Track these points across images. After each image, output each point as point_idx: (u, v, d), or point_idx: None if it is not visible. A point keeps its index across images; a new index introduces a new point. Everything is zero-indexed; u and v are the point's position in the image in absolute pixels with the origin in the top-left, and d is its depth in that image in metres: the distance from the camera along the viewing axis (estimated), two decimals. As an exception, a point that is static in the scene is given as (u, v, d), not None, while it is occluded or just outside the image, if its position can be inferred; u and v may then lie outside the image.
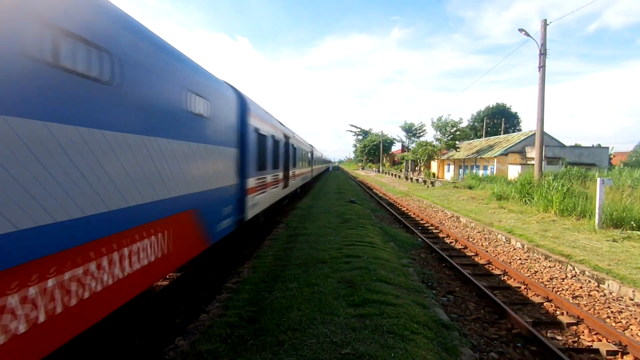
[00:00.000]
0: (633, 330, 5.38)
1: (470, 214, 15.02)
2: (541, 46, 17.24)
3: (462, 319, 5.67)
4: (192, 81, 4.71)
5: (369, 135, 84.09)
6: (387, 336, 3.84)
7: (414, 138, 56.31)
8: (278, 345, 3.64)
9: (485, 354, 4.64)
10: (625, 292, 6.53)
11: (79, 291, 2.64)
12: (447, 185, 27.99)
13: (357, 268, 6.13)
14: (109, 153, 2.93)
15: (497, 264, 8.43)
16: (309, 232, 9.33)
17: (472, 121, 67.78)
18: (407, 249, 9.79)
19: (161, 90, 3.87)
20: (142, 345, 4.40)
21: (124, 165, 3.13)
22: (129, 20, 3.41)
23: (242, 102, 7.28)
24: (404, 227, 13.25)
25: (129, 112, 3.26)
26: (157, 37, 4.02)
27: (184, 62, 4.58)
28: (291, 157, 14.41)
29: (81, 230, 2.62)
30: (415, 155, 43.49)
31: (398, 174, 48.56)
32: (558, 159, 27.77)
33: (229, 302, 4.93)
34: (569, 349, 4.81)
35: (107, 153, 2.91)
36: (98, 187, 2.80)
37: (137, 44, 3.46)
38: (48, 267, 2.36)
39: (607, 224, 10.99)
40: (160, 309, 5.40)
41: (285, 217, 12.60)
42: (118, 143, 3.05)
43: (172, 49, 4.37)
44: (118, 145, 3.05)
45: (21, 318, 2.16)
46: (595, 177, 15.33)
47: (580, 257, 8.27)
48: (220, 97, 5.90)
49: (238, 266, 7.00)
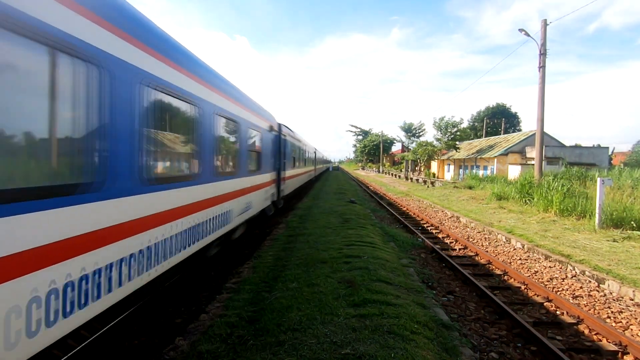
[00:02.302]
0: (633, 330, 5.38)
1: (470, 214, 15.02)
2: (541, 46, 17.24)
3: (462, 319, 5.67)
4: (271, 125, 10.52)
5: (369, 135, 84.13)
6: (387, 336, 3.84)
7: (413, 138, 56.35)
8: (278, 346, 3.64)
9: (485, 354, 4.64)
10: (626, 292, 6.53)
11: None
12: (447, 185, 27.99)
13: (357, 268, 6.13)
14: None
15: (497, 264, 8.43)
16: (309, 232, 9.32)
17: (472, 121, 67.82)
18: (407, 249, 9.79)
19: (271, 138, 10.32)
20: (142, 345, 4.40)
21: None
22: (286, 129, 10.97)
23: (279, 126, 12.25)
24: (404, 227, 13.25)
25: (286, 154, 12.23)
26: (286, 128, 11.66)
27: (278, 127, 11.22)
28: (289, 157, 15.27)
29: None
30: (415, 155, 43.51)
31: (398, 174, 48.56)
32: (558, 159, 27.77)
33: (229, 302, 4.93)
34: (569, 349, 4.81)
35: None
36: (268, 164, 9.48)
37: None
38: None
39: (607, 224, 10.98)
40: (160, 309, 5.39)
41: (285, 217, 12.60)
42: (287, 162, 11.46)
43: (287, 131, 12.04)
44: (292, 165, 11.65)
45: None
46: (595, 177, 15.33)
47: (580, 257, 8.27)
48: (270, 126, 10.43)
49: (238, 266, 7.00)
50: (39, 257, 2.27)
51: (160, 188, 3.80)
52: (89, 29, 2.70)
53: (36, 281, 2.24)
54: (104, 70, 2.88)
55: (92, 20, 2.73)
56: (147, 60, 3.55)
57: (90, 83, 2.75)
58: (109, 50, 2.94)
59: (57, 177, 2.58)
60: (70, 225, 2.53)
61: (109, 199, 2.97)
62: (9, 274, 2.07)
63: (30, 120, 2.36)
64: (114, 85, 3.02)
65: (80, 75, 2.66)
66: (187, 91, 4.44)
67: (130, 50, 3.27)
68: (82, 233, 2.65)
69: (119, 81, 3.08)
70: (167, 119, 4.25)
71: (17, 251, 2.12)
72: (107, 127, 2.95)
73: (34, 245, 2.23)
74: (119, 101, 3.11)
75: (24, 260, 2.16)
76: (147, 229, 3.52)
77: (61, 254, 2.45)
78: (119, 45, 3.09)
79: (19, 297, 2.13)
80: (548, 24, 17.30)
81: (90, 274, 2.73)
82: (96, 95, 2.82)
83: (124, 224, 3.16)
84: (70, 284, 2.52)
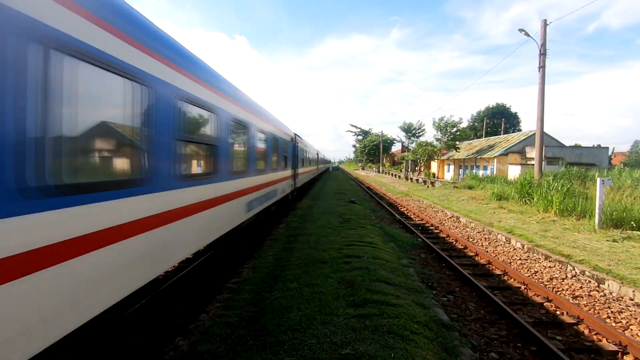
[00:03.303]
0: (633, 331, 5.38)
1: (470, 214, 15.02)
2: (541, 46, 17.24)
3: (462, 319, 5.67)
4: (290, 136, 14.30)
5: (369, 135, 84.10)
6: (387, 336, 3.84)
7: (413, 138, 56.34)
8: (278, 346, 3.64)
9: (485, 354, 4.64)
10: (625, 292, 6.53)
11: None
12: (447, 186, 27.98)
13: (357, 268, 6.13)
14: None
15: (497, 264, 8.43)
16: (309, 232, 9.33)
17: (472, 121, 67.83)
18: (407, 249, 9.79)
19: (290, 145, 14.25)
20: (142, 345, 4.40)
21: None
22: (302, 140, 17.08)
23: (294, 135, 15.68)
24: (404, 227, 13.25)
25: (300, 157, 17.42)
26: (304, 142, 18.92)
27: (295, 138, 15.54)
28: (300, 159, 18.39)
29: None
30: (415, 155, 43.50)
31: (398, 174, 48.56)
32: (558, 159, 27.77)
33: (229, 302, 4.93)
34: (569, 349, 4.82)
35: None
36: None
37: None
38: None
39: (607, 224, 10.98)
40: (160, 309, 5.39)
41: (285, 217, 12.60)
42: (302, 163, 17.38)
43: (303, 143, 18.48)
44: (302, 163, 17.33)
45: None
46: (595, 177, 15.34)
47: (580, 257, 8.27)
48: (286, 135, 13.20)
49: (238, 266, 7.00)
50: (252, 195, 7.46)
51: (261, 173, 8.24)
52: (177, 77, 3.91)
53: (248, 198, 6.98)
54: (299, 148, 13.73)
55: (181, 73, 4.03)
56: (232, 108, 6.00)
57: (301, 151, 14.46)
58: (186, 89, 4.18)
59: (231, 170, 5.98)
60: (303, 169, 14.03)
61: (269, 172, 9.39)
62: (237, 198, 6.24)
63: (292, 157, 13.73)
64: (298, 150, 14.35)
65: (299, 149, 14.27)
66: (260, 127, 8.17)
67: (216, 98, 5.26)
68: (256, 184, 7.80)
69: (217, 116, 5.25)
70: (255, 138, 7.77)
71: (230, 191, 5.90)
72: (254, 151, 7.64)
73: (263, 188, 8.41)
74: (226, 128, 5.69)
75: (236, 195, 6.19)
76: (264, 187, 8.66)
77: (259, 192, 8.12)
78: (311, 146, 17.37)
79: (248, 201, 7.00)
80: (548, 24, 17.31)
81: (255, 199, 7.64)
82: (293, 151, 14.25)
83: (261, 185, 8.28)
84: (253, 201, 7.44)
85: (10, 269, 1.93)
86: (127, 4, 3.16)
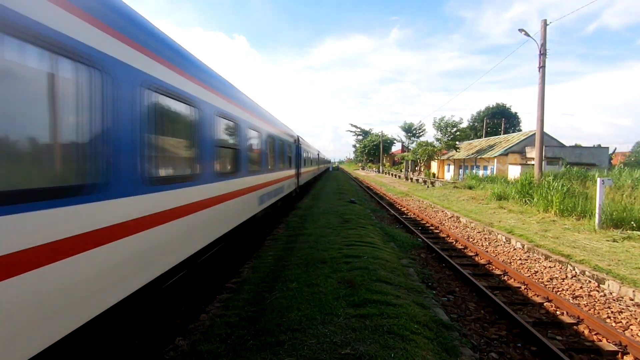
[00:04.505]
0: (633, 331, 5.38)
1: (470, 214, 15.02)
2: (541, 46, 17.24)
3: (462, 319, 5.67)
4: (294, 138, 15.79)
5: (369, 135, 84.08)
6: (387, 336, 3.84)
7: (413, 138, 56.33)
8: (278, 346, 3.64)
9: (485, 354, 4.64)
10: (626, 292, 6.53)
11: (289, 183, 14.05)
12: (447, 186, 27.98)
13: (357, 268, 6.13)
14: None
15: (497, 264, 8.43)
16: (310, 232, 9.33)
17: (472, 121, 67.81)
18: (407, 249, 9.79)
19: (295, 146, 15.78)
20: (142, 345, 4.40)
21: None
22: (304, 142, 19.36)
23: (298, 137, 17.13)
24: (404, 227, 13.25)
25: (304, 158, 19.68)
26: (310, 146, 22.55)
27: (297, 140, 16.98)
28: (302, 159, 20.07)
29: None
30: (415, 155, 43.51)
31: (398, 174, 48.56)
32: (558, 159, 27.76)
33: (229, 302, 4.93)
34: (569, 349, 4.82)
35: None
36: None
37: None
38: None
39: (607, 224, 10.98)
40: (160, 309, 5.39)
41: (285, 217, 12.60)
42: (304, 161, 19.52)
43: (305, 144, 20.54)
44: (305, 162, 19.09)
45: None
46: (595, 177, 15.33)
47: (580, 257, 8.27)
48: (291, 137, 14.39)
49: (238, 266, 7.00)
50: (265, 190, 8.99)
51: (273, 170, 9.90)
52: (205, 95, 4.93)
53: (260, 193, 8.30)
54: (300, 148, 17.04)
55: (204, 87, 4.90)
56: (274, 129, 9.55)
57: (302, 151, 18.04)
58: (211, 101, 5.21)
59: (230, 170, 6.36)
60: (260, 178, 8.71)
61: (277, 171, 10.77)
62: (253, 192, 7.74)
63: (295, 158, 15.77)
64: (300, 150, 16.95)
65: (301, 150, 17.53)
66: (269, 132, 9.57)
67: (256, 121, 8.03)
68: (265, 181, 9.03)
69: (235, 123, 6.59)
70: (267, 143, 9.18)
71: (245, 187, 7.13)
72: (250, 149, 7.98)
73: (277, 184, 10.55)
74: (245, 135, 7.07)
75: (250, 190, 7.51)
76: (272, 184, 9.89)
77: (269, 188, 9.52)
78: (312, 147, 24.29)
79: (260, 195, 8.33)
80: (548, 24, 17.30)
81: (265, 194, 8.92)
82: (297, 152, 16.76)
83: (270, 182, 9.52)
84: (264, 195, 8.75)
85: (271, 182, 9.36)
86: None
